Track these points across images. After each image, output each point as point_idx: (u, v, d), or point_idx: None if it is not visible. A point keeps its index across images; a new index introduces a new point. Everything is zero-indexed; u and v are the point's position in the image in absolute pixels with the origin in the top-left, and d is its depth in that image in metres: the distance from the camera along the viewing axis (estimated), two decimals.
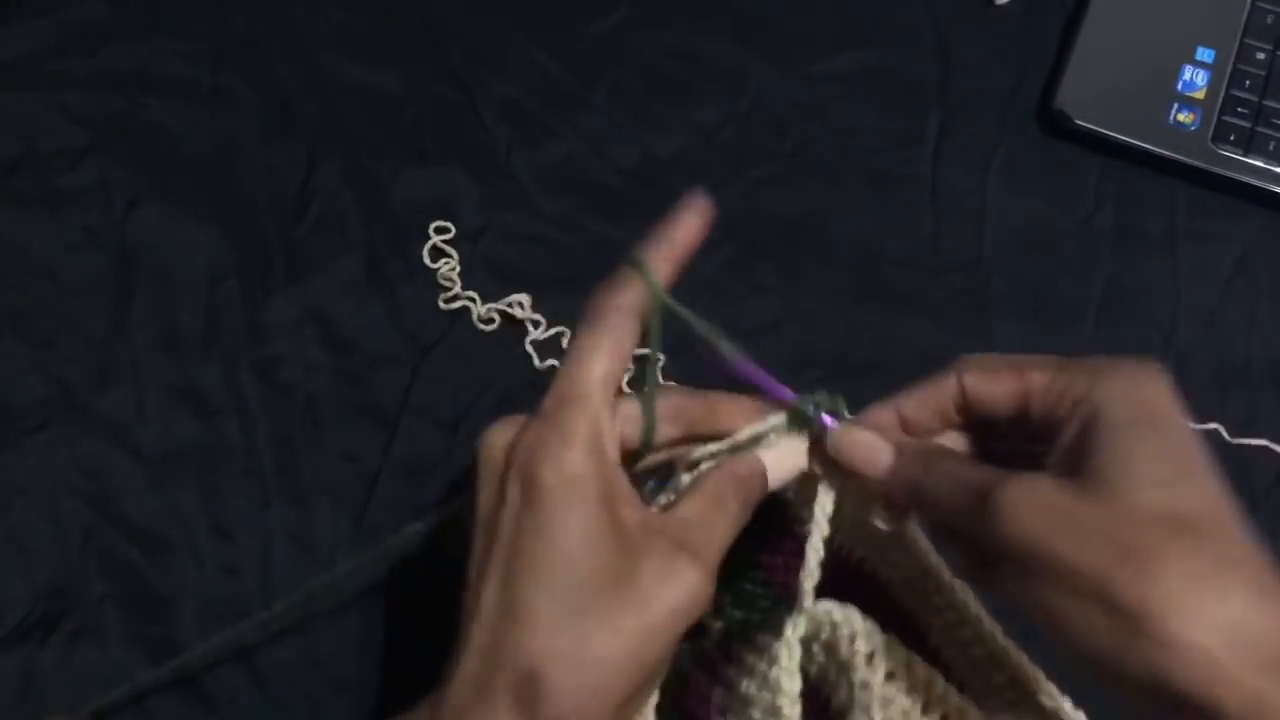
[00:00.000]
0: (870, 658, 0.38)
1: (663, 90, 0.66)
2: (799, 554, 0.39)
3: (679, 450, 0.40)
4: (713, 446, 0.39)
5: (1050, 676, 0.40)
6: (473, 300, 0.60)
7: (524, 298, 0.60)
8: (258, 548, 0.55)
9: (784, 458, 0.39)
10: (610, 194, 0.64)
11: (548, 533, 0.34)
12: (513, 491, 0.35)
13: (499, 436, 0.36)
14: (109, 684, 0.52)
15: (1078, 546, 0.32)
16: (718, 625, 0.44)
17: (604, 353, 0.37)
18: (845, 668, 0.38)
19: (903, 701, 0.38)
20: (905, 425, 0.39)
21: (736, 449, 0.39)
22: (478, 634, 0.35)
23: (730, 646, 0.41)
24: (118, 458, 0.56)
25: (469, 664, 0.34)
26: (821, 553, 0.38)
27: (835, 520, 0.39)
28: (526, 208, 0.63)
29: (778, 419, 0.40)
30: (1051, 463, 0.35)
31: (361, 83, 0.66)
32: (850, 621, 0.38)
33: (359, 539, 0.55)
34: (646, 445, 0.38)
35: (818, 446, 0.39)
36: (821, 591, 0.39)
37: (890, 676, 0.38)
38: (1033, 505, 0.33)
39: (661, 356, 0.58)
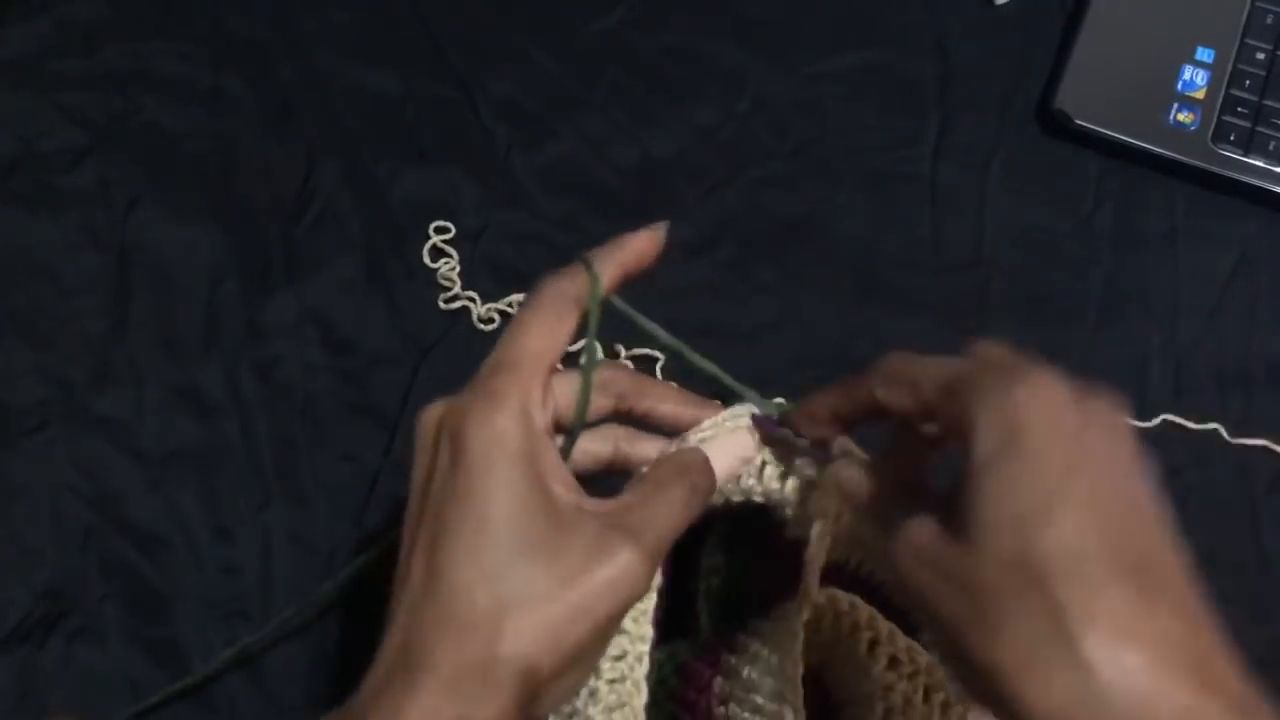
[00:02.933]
0: (873, 645, 0.38)
1: (663, 90, 0.66)
2: (795, 566, 0.39)
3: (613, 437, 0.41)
4: (708, 423, 0.40)
5: None
6: (473, 300, 0.60)
7: (524, 298, 0.60)
8: (258, 548, 0.55)
9: (728, 449, 0.39)
10: (610, 194, 0.64)
11: (472, 496, 0.34)
12: (442, 457, 0.35)
13: (434, 409, 0.36)
14: (109, 684, 0.52)
15: (942, 601, 0.31)
16: (709, 625, 0.44)
17: (538, 328, 0.37)
18: (848, 656, 0.38)
19: (904, 688, 0.38)
20: (838, 419, 0.39)
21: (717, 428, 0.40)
22: (402, 608, 0.34)
23: (733, 635, 0.41)
24: (118, 458, 0.56)
25: (390, 642, 0.34)
26: (828, 544, 0.38)
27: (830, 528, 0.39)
28: (526, 208, 0.63)
29: (739, 409, 0.40)
30: (943, 494, 0.34)
31: (361, 83, 0.66)
32: (854, 610, 0.38)
33: (359, 539, 0.55)
34: (579, 416, 0.38)
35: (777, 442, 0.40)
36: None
37: (892, 663, 0.38)
38: (910, 555, 0.32)
39: (661, 356, 0.58)
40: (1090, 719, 0.28)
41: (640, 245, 0.39)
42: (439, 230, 0.62)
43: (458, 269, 0.61)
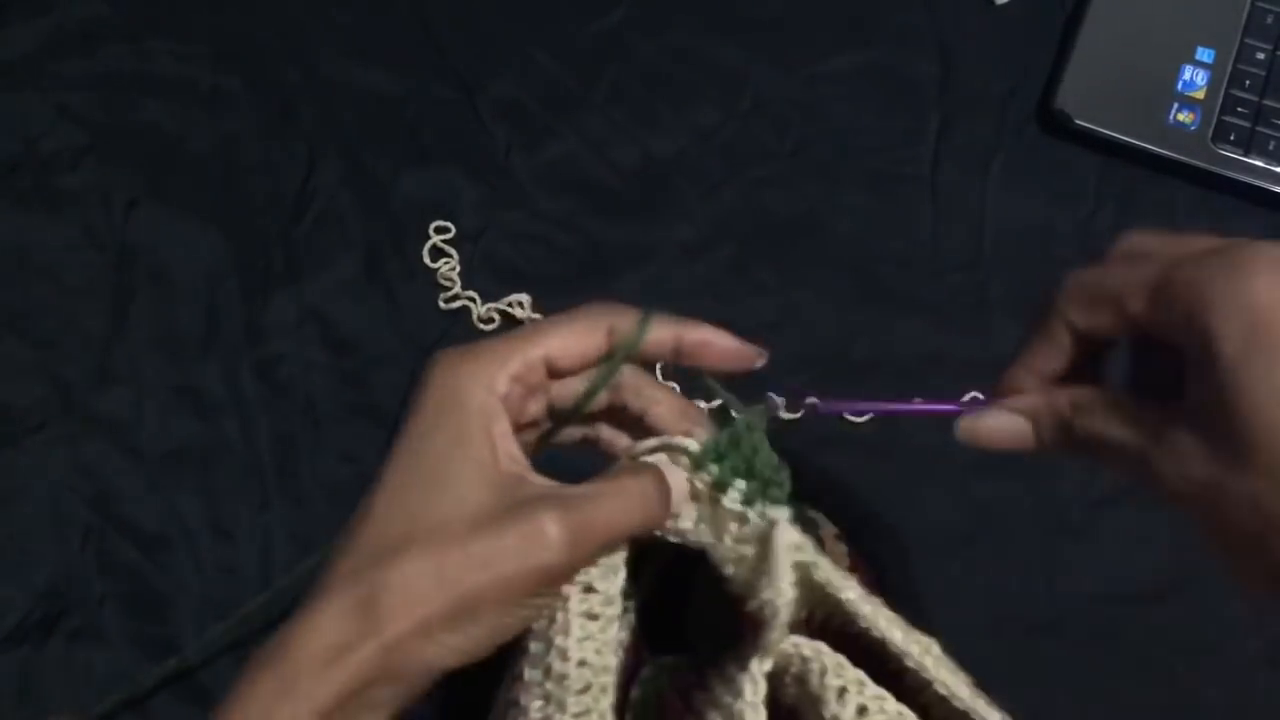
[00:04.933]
0: (841, 693, 0.38)
1: (663, 90, 0.66)
2: (753, 614, 0.38)
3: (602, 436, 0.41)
4: (651, 442, 0.39)
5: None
6: (473, 300, 0.60)
7: (524, 298, 0.60)
8: (258, 548, 0.55)
9: (679, 481, 0.38)
10: (610, 194, 0.64)
11: (418, 435, 0.35)
12: (414, 398, 0.36)
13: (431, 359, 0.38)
14: (109, 684, 0.52)
15: (1233, 519, 0.29)
16: (706, 646, 0.44)
17: (558, 330, 0.38)
18: (816, 702, 0.38)
19: None
20: (1046, 378, 0.37)
21: (669, 449, 0.39)
22: (343, 541, 0.35)
23: (704, 672, 0.40)
24: (118, 458, 0.56)
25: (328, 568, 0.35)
26: (793, 594, 0.37)
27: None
28: (526, 208, 0.63)
29: (688, 441, 0.39)
30: (1188, 409, 0.31)
31: (361, 83, 0.66)
32: (820, 656, 0.38)
33: None
34: (591, 393, 0.39)
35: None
36: None
37: (862, 712, 0.37)
38: (1188, 481, 0.30)
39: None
40: None
41: (715, 343, 0.39)
42: (439, 230, 0.62)
43: (458, 269, 0.61)
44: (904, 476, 0.57)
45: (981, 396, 0.40)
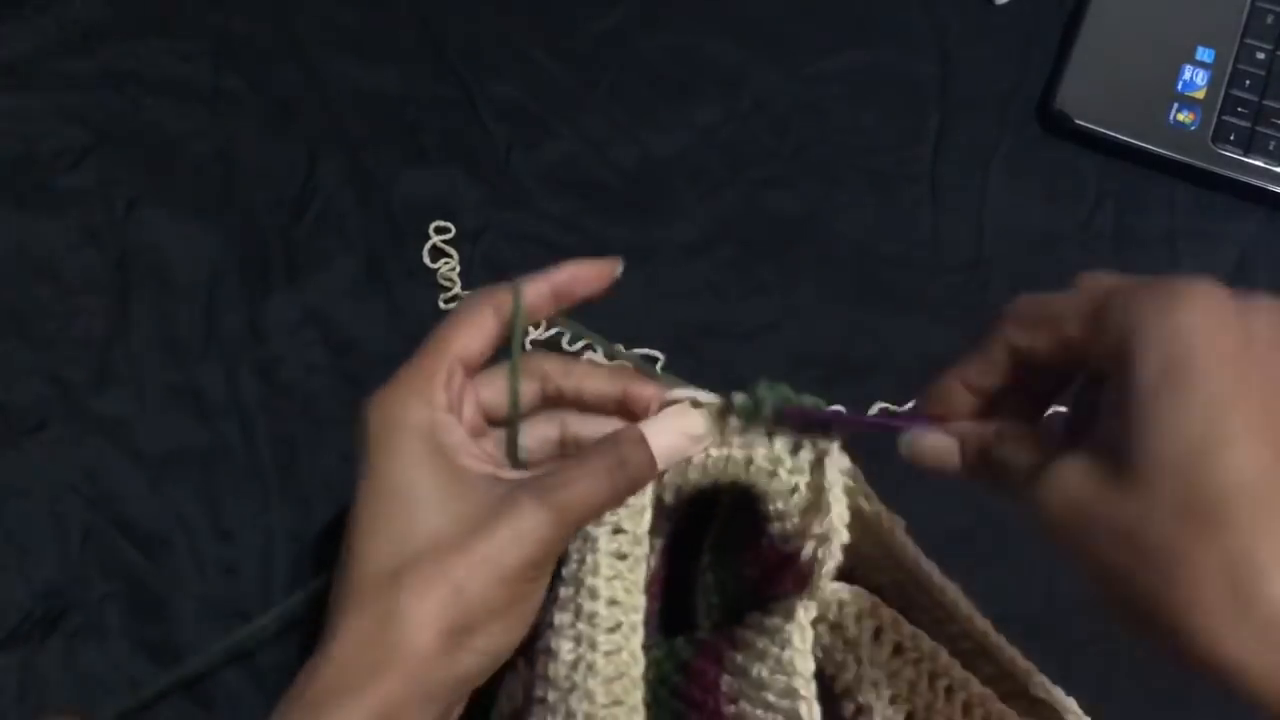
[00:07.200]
0: (877, 633, 0.39)
1: (663, 90, 0.66)
2: (790, 562, 0.39)
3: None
4: (680, 393, 0.40)
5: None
6: None
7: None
8: (258, 548, 0.55)
9: (672, 425, 0.39)
10: (610, 194, 0.64)
11: (375, 471, 0.36)
12: (358, 445, 0.38)
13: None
14: (109, 684, 0.52)
15: (1103, 547, 0.29)
16: (708, 623, 0.44)
17: (449, 327, 0.39)
18: (853, 645, 0.38)
19: (909, 673, 0.38)
20: (977, 392, 0.37)
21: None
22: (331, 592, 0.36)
23: (732, 632, 0.41)
24: (118, 458, 0.56)
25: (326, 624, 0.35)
26: (846, 537, 0.38)
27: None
28: (526, 208, 0.63)
29: (687, 393, 0.40)
30: (1096, 433, 0.31)
31: (361, 83, 0.66)
32: (858, 600, 0.39)
33: None
34: (513, 402, 0.40)
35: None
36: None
37: (897, 650, 0.39)
38: (1062, 502, 0.30)
39: (661, 356, 0.58)
40: (1275, 669, 0.26)
41: (579, 273, 0.41)
42: (439, 230, 0.62)
43: (458, 269, 0.61)
44: (903, 476, 0.57)
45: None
